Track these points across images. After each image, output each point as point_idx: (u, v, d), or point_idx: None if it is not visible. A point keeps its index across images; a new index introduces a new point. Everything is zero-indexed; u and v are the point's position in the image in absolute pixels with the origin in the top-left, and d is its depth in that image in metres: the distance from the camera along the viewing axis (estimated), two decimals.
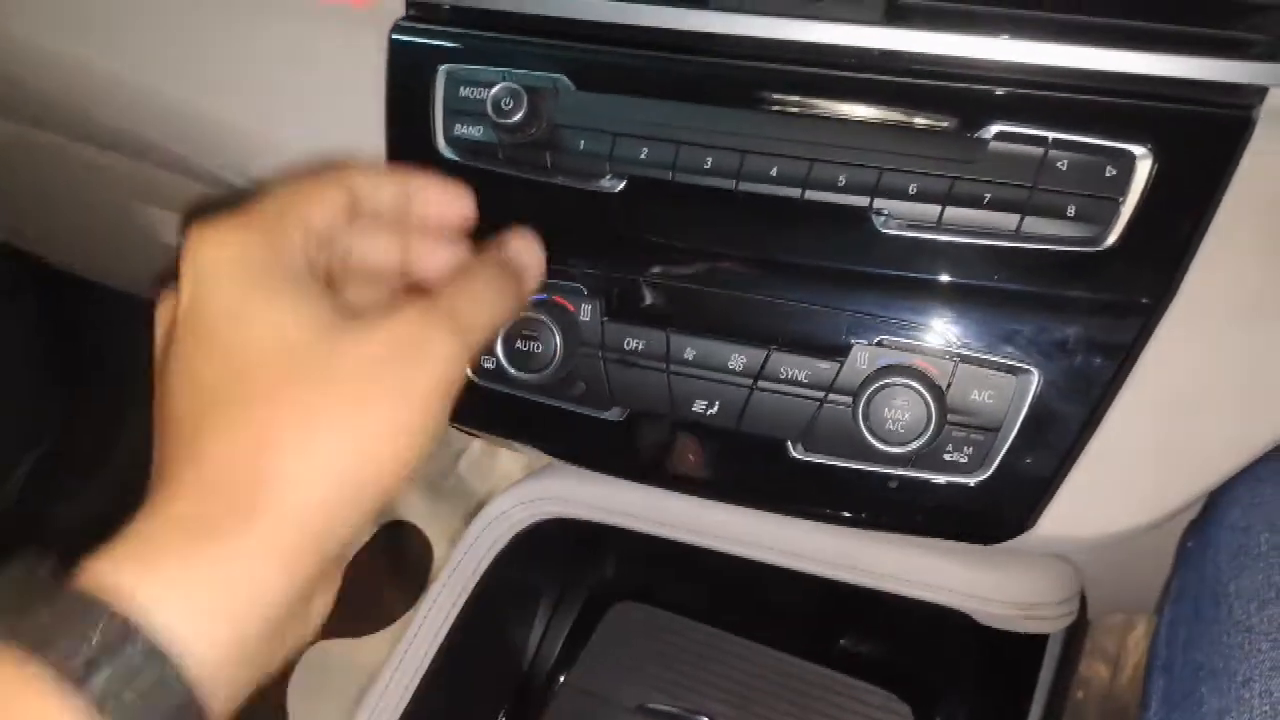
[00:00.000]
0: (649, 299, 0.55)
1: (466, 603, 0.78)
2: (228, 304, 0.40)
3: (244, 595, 0.36)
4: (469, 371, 0.58)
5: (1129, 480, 0.51)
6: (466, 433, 0.63)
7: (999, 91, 0.52)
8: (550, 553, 0.93)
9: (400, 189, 0.49)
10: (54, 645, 0.33)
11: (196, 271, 0.41)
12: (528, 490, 0.78)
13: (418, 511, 1.34)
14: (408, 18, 0.62)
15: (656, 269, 0.56)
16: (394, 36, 0.61)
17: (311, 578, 0.37)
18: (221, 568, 0.35)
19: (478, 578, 0.78)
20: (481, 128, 0.57)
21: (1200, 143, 0.50)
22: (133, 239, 0.98)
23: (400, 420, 0.39)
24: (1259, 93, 0.51)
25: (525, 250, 0.50)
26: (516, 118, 0.55)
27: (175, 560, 0.35)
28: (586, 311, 0.56)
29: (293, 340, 0.39)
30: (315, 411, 0.38)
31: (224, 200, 0.59)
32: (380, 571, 1.37)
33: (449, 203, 0.50)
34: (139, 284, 1.17)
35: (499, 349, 0.55)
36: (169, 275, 0.45)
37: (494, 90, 0.55)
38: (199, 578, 0.35)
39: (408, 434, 0.39)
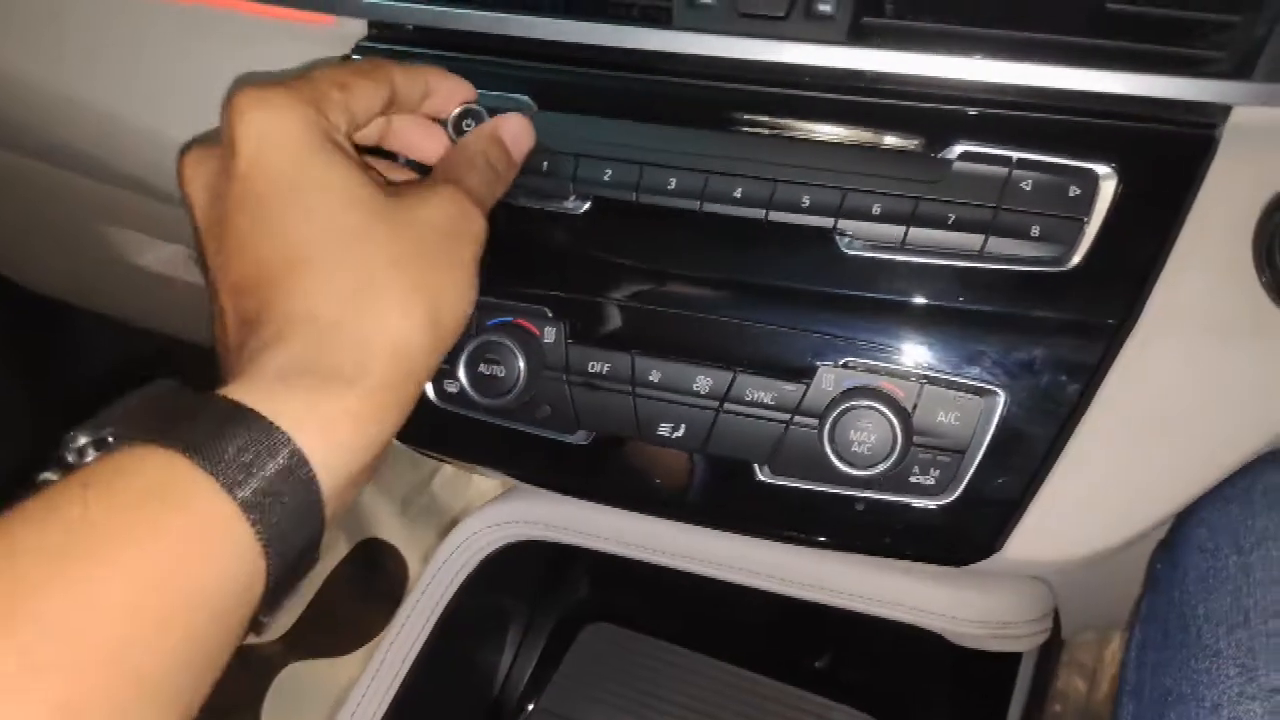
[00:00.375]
0: (613, 321, 0.55)
1: (435, 626, 0.77)
2: (287, 173, 0.43)
3: (364, 431, 0.40)
4: (431, 395, 0.57)
5: (1097, 502, 0.51)
6: (432, 457, 0.62)
7: (962, 111, 0.52)
8: (520, 575, 0.92)
9: (427, 86, 0.53)
10: (212, 450, 0.36)
11: (251, 132, 0.43)
12: (496, 513, 0.77)
13: (392, 530, 1.33)
14: (369, 38, 0.62)
15: (621, 291, 0.55)
16: (355, 57, 0.60)
17: (401, 421, 0.43)
18: (348, 406, 0.40)
19: (446, 601, 0.77)
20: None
21: (1164, 162, 0.50)
22: (98, 259, 0.96)
23: (461, 282, 0.45)
24: (1222, 111, 0.51)
25: (518, 126, 0.54)
26: None
27: (311, 396, 0.39)
28: (550, 334, 0.55)
29: (358, 212, 0.43)
30: (398, 272, 0.43)
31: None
32: (355, 590, 1.36)
33: (463, 94, 0.55)
34: (106, 303, 1.16)
35: (462, 373, 0.54)
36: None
37: (455, 112, 0.54)
38: (332, 413, 0.39)
39: (467, 294, 0.46)
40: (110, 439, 0.38)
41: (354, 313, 0.42)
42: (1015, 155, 0.50)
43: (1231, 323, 0.49)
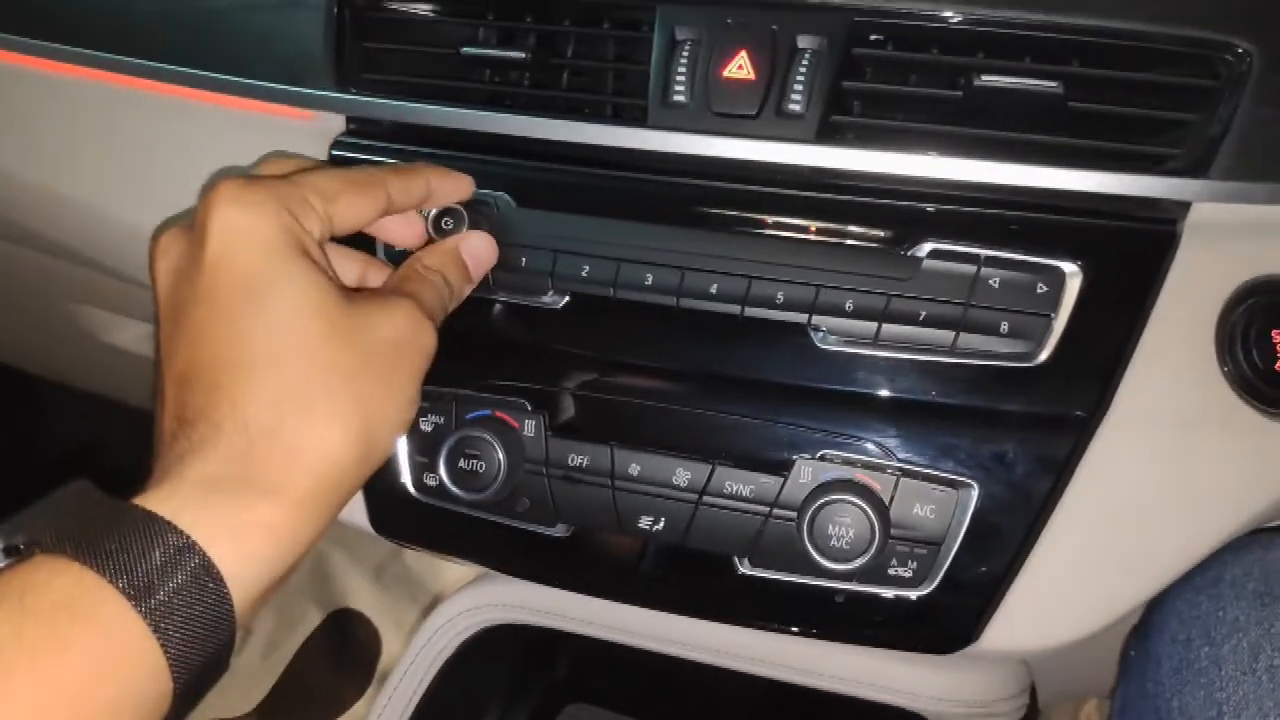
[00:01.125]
0: (593, 414, 0.55)
1: (415, 711, 0.76)
2: (250, 275, 0.44)
3: (281, 543, 0.41)
4: (410, 488, 0.57)
5: (1070, 591, 0.52)
6: (408, 548, 0.62)
7: (931, 209, 0.53)
8: (500, 657, 0.91)
9: (428, 188, 0.54)
10: (121, 563, 0.37)
11: (223, 228, 0.44)
12: (476, 596, 0.76)
13: (365, 600, 1.31)
14: (348, 132, 0.62)
15: (600, 384, 0.56)
16: (334, 152, 0.61)
17: (326, 529, 0.44)
18: (266, 519, 0.41)
19: (426, 684, 0.77)
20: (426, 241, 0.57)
21: (1127, 258, 0.51)
22: (71, 336, 0.96)
23: (401, 398, 0.46)
24: (1182, 207, 0.52)
25: (479, 246, 0.55)
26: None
27: (230, 506, 0.40)
28: (530, 428, 0.55)
29: (312, 319, 0.44)
30: (340, 384, 0.43)
31: None
32: (328, 661, 1.34)
33: (464, 192, 0.56)
34: (77, 377, 1.15)
35: (442, 468, 0.55)
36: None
37: (434, 211, 0.55)
38: (249, 524, 0.40)
39: (407, 410, 0.47)
40: (22, 546, 0.39)
41: (289, 422, 0.42)
42: (983, 253, 0.51)
43: (1197, 415, 0.51)
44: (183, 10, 0.66)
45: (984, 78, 0.53)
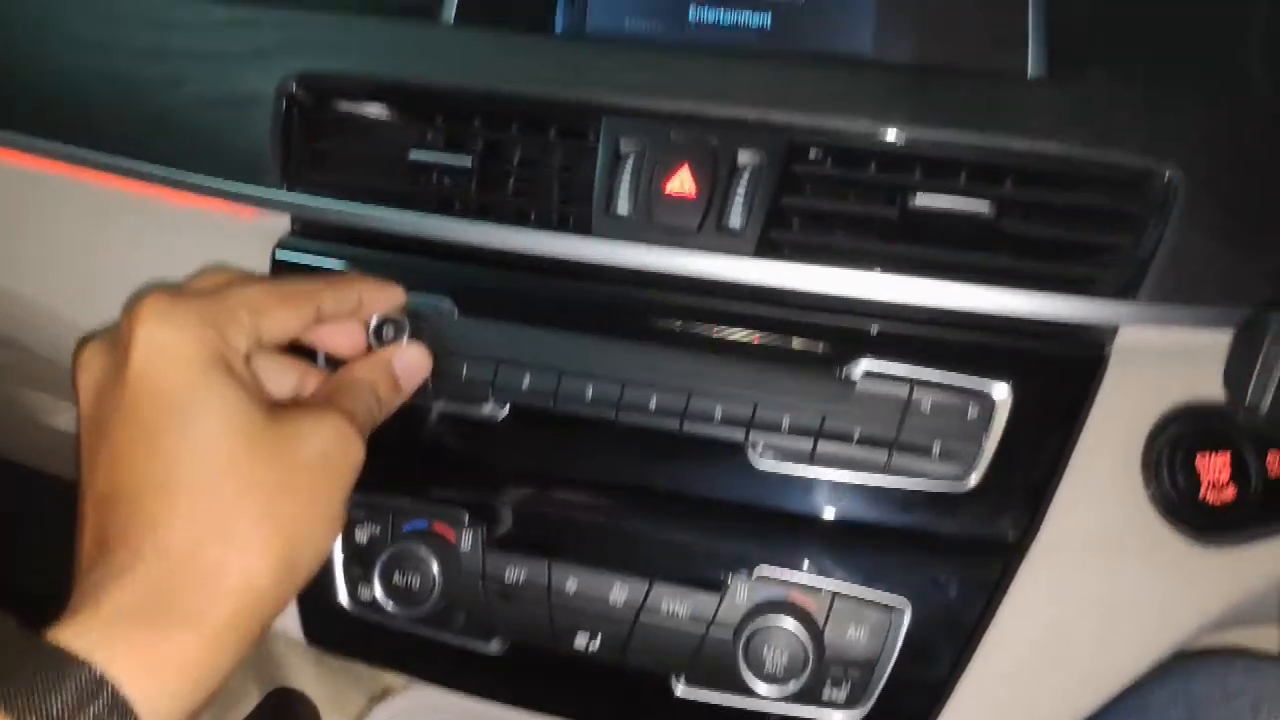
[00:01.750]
0: (530, 528, 0.55)
1: None
2: (173, 393, 0.43)
3: (198, 674, 0.40)
4: (344, 601, 0.56)
5: (1002, 713, 0.52)
6: (342, 659, 0.61)
7: (865, 328, 0.54)
8: None
9: (360, 300, 0.53)
10: (30, 701, 0.36)
11: (146, 345, 0.44)
12: (424, 697, 0.75)
13: (307, 679, 1.28)
14: (293, 233, 0.62)
15: (538, 498, 0.56)
16: (277, 253, 0.61)
17: (247, 656, 0.43)
18: (182, 650, 0.40)
19: None
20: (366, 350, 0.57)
21: (1057, 382, 0.52)
22: (18, 419, 0.94)
23: (326, 518, 0.46)
24: (1110, 331, 0.54)
25: (412, 359, 0.54)
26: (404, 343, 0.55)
27: (147, 637, 0.39)
28: (467, 541, 0.55)
29: (234, 437, 0.43)
30: (262, 505, 0.43)
31: None
32: None
33: (396, 301, 0.55)
34: (21, 457, 1.13)
35: (377, 583, 0.54)
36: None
37: (374, 320, 0.55)
38: (165, 656, 0.40)
39: (331, 531, 0.46)
40: None
41: (208, 547, 0.42)
42: (916, 375, 0.52)
43: (1123, 541, 0.52)
44: (128, 102, 0.66)
45: (919, 199, 0.55)
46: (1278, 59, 0.58)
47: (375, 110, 0.63)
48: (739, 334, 0.55)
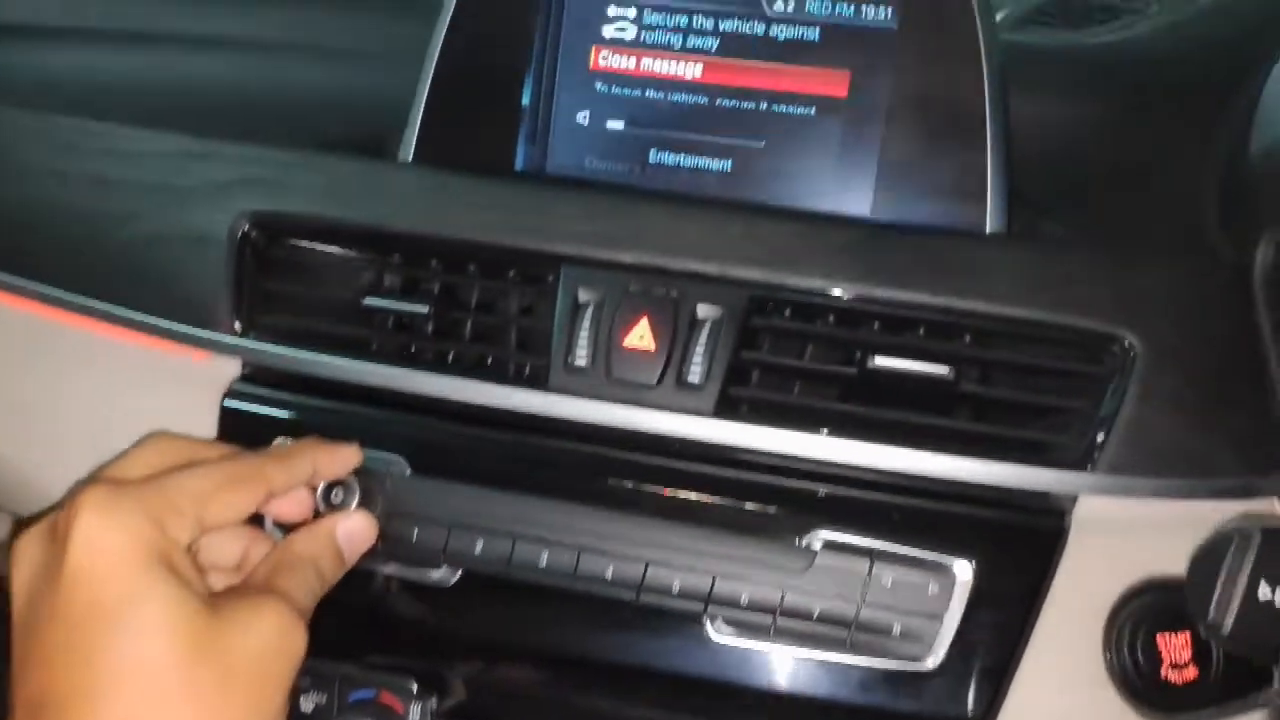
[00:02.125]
0: (482, 700, 0.54)
1: None
2: (107, 595, 0.42)
3: None
4: None
5: None
6: None
7: (826, 494, 0.53)
8: None
9: (314, 470, 0.52)
10: None
11: (83, 542, 0.42)
12: None
13: None
14: (243, 378, 0.61)
15: (490, 667, 0.54)
16: (226, 402, 0.60)
17: None
18: None
19: None
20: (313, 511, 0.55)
21: (1017, 556, 0.52)
22: None
23: (268, 710, 0.44)
24: (1070, 500, 0.53)
25: (356, 529, 0.52)
26: (350, 509, 0.54)
27: None
28: (415, 713, 0.53)
29: (170, 637, 0.42)
30: (199, 708, 0.41)
31: None
32: None
33: (351, 465, 0.53)
34: None
35: None
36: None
37: (320, 487, 0.53)
38: None
39: (272, 715, 0.44)
40: None
41: None
42: (876, 547, 0.51)
43: (1085, 718, 0.51)
44: (77, 235, 0.64)
45: (878, 360, 0.54)
46: (1238, 218, 0.58)
47: (330, 252, 0.62)
48: (698, 497, 0.54)
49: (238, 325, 0.60)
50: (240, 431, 0.59)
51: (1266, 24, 0.70)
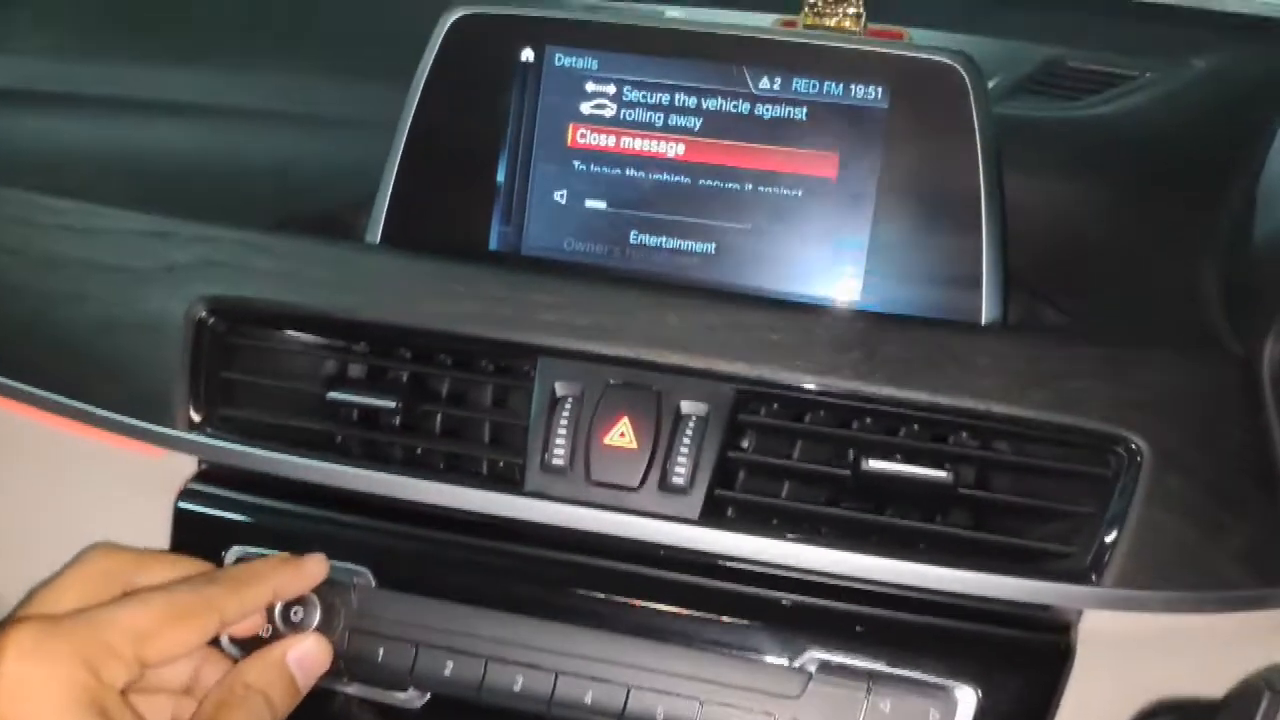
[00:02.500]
0: None
1: None
2: None
3: None
4: None
5: None
6: None
7: (820, 607, 0.51)
8: None
9: (274, 593, 0.49)
10: None
11: (12, 686, 0.39)
12: None
13: None
14: (198, 477, 0.58)
15: None
16: (180, 503, 0.56)
17: None
18: None
19: None
20: (270, 627, 0.52)
21: (1021, 678, 0.49)
22: None
23: None
24: (1077, 614, 0.50)
25: (311, 655, 0.49)
26: (311, 628, 0.50)
27: None
28: None
29: None
30: None
31: None
32: None
33: (311, 584, 0.50)
34: None
35: None
36: None
37: (278, 606, 0.50)
38: None
39: None
40: None
41: None
42: (873, 669, 0.48)
43: None
44: (27, 319, 0.61)
45: (871, 463, 0.51)
46: (1244, 309, 0.55)
47: (293, 341, 0.58)
48: (684, 612, 0.51)
49: (194, 419, 0.57)
50: (195, 535, 0.55)
51: (1263, 88, 0.68)
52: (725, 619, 0.51)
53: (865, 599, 0.51)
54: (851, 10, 0.70)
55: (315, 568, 0.50)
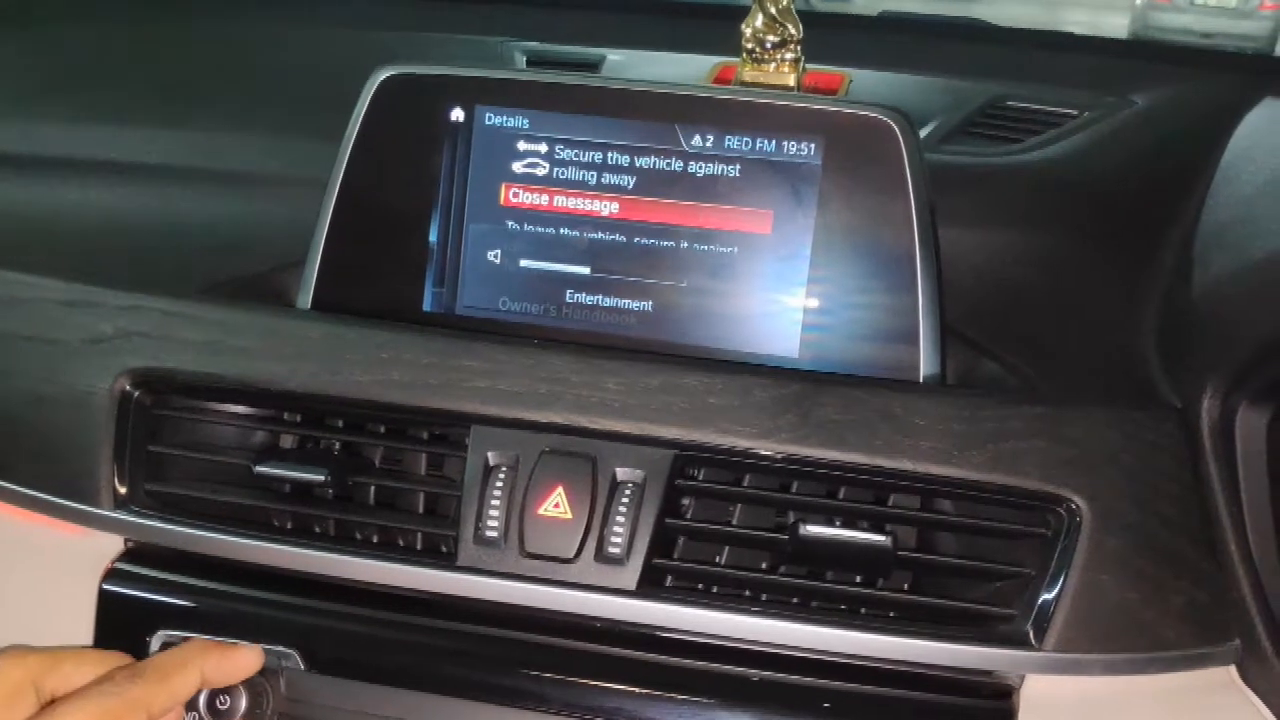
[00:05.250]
0: None
1: None
2: None
3: None
4: None
5: None
6: None
7: (760, 682, 0.50)
8: None
9: (201, 679, 0.47)
10: None
11: None
12: None
13: None
14: (124, 556, 0.56)
15: None
16: (106, 585, 0.55)
17: None
18: None
19: None
20: (195, 716, 0.50)
21: None
22: None
23: None
24: (1019, 677, 0.50)
25: None
26: (238, 717, 0.49)
27: None
28: None
29: None
30: None
31: None
32: None
33: (243, 673, 0.49)
34: None
35: None
36: None
37: (203, 695, 0.48)
38: None
39: None
40: None
41: None
42: None
43: None
44: None
45: (809, 528, 0.51)
46: (1182, 361, 0.55)
47: (221, 412, 0.57)
48: (623, 687, 0.50)
49: (119, 495, 0.55)
50: (120, 618, 0.54)
51: (1200, 125, 0.68)
52: (666, 694, 0.50)
53: (808, 669, 0.50)
54: (789, 56, 0.70)
55: (247, 659, 0.48)
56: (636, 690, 0.50)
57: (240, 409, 0.57)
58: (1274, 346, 0.50)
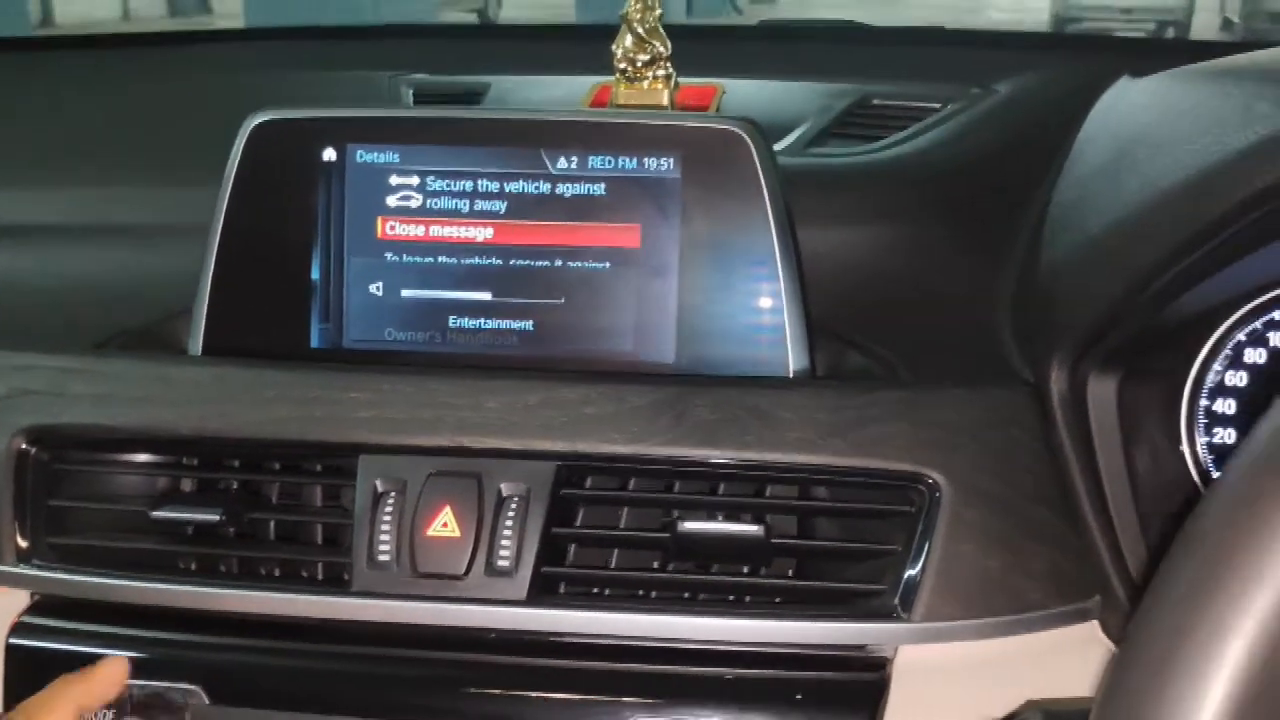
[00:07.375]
0: None
1: None
2: None
3: None
4: None
5: None
6: None
7: (648, 675, 0.52)
8: None
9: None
10: None
11: None
12: None
13: None
14: (32, 607, 0.57)
15: None
16: (11, 640, 0.56)
17: None
18: None
19: None
20: None
21: (841, 716, 0.50)
22: None
23: None
24: (892, 648, 0.52)
25: None
26: None
27: None
28: None
29: None
30: None
31: None
32: None
33: (112, 689, 0.50)
34: None
35: None
36: None
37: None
38: None
39: None
40: None
41: None
42: None
43: None
44: None
45: (687, 525, 0.53)
46: (1032, 339, 0.58)
47: (119, 462, 0.58)
48: (519, 694, 0.52)
49: (21, 550, 0.56)
50: (29, 671, 0.54)
51: (1056, 111, 0.71)
52: (564, 695, 0.52)
53: (695, 659, 0.52)
54: (661, 73, 0.72)
55: (110, 671, 0.50)
56: (534, 694, 0.52)
57: (139, 457, 0.58)
58: (1111, 315, 0.53)
